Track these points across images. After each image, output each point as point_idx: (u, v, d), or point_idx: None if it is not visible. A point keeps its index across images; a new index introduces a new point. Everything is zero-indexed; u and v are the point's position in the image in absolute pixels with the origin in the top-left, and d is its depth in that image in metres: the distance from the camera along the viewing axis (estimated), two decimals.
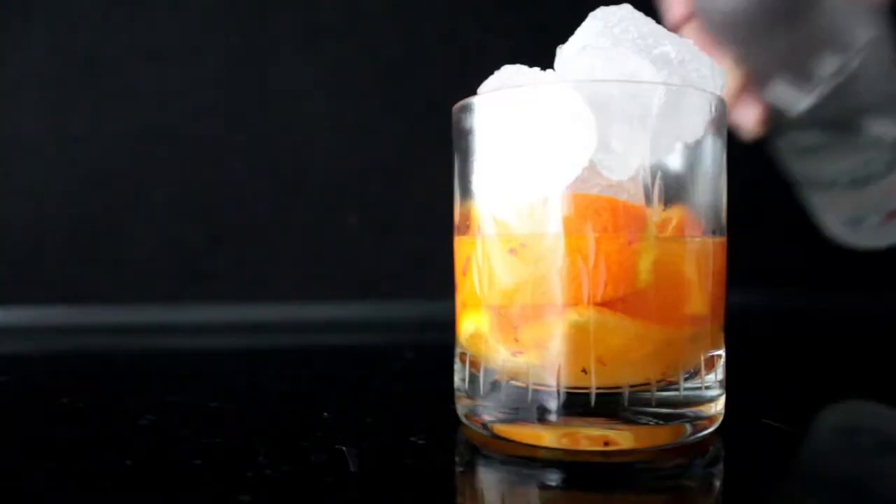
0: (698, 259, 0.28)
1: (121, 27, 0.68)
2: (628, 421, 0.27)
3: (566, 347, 0.27)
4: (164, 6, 0.68)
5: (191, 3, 0.68)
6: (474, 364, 0.30)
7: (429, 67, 0.69)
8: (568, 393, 0.27)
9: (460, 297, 0.31)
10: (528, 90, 0.28)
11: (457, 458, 0.28)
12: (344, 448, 0.28)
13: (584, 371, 0.27)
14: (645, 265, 0.27)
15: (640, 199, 0.27)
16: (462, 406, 0.31)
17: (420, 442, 0.29)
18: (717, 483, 0.26)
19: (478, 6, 0.69)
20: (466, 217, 0.30)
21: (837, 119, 0.36)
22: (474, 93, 0.30)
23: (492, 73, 0.30)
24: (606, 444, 0.27)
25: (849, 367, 0.47)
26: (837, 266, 0.71)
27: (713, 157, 0.29)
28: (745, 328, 0.38)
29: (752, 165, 0.62)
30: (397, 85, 0.69)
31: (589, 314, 0.26)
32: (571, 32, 0.30)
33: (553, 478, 0.26)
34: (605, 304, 0.26)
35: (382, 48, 0.69)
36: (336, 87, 0.69)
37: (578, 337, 0.27)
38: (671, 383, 0.27)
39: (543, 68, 0.30)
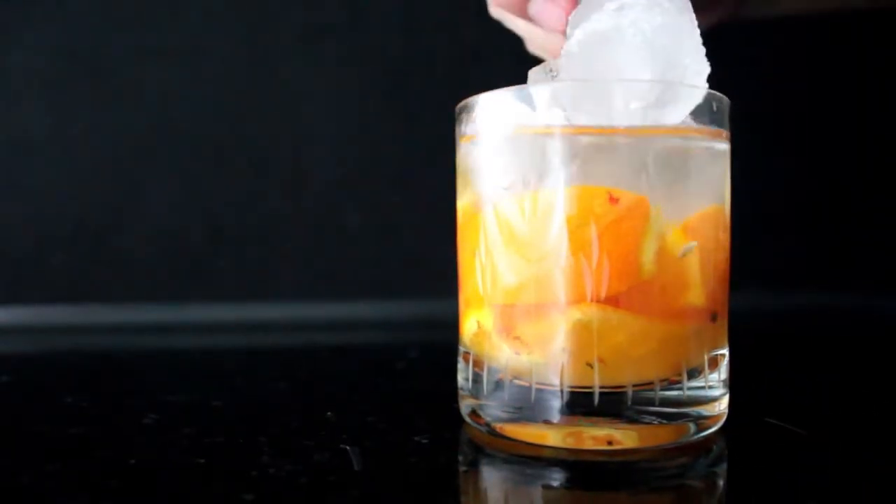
0: (702, 251, 0.28)
1: (122, 26, 0.68)
2: (632, 420, 0.27)
3: (570, 346, 0.27)
4: (165, 5, 0.68)
5: (192, 2, 0.68)
6: (477, 363, 0.30)
7: (431, 67, 0.69)
8: (571, 392, 0.27)
9: (463, 295, 0.31)
10: (528, 89, 0.28)
11: (460, 458, 0.28)
12: (347, 447, 0.28)
13: (589, 365, 0.26)
14: (648, 256, 0.26)
15: (643, 192, 0.27)
16: (465, 405, 0.31)
17: (423, 441, 0.29)
18: (721, 482, 0.26)
19: (480, 5, 0.69)
20: (469, 216, 0.30)
21: None
22: (477, 91, 0.30)
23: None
24: (610, 443, 0.27)
25: (851, 366, 0.47)
26: (838, 266, 0.71)
27: (717, 155, 0.29)
28: (749, 328, 0.38)
29: (754, 165, 0.62)
30: (399, 84, 0.69)
31: (592, 312, 0.26)
32: None
33: (557, 477, 0.26)
34: (608, 300, 0.26)
35: (384, 47, 0.69)
36: (338, 87, 0.69)
37: (582, 335, 0.27)
38: (675, 382, 0.27)
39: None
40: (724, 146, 0.30)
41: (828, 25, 0.69)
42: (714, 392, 0.29)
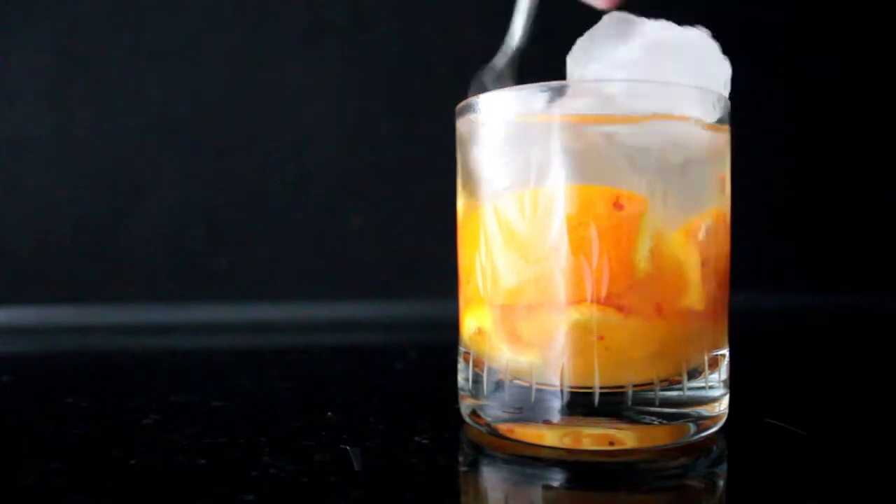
0: (701, 252, 0.28)
1: (123, 27, 0.68)
2: (632, 420, 0.27)
3: (569, 345, 0.27)
4: (165, 5, 0.68)
5: (192, 3, 0.68)
6: (478, 363, 0.30)
7: (431, 66, 0.69)
8: (571, 392, 0.27)
9: (464, 295, 0.31)
10: (530, 90, 0.28)
11: (461, 458, 0.28)
12: (348, 447, 0.28)
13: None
14: (642, 254, 0.26)
15: (643, 191, 0.27)
16: (466, 405, 0.31)
17: (424, 441, 0.29)
18: (721, 483, 0.26)
19: (481, 5, 0.69)
20: (469, 215, 0.30)
21: None
22: (477, 91, 0.30)
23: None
24: (611, 443, 0.27)
25: (851, 366, 0.47)
26: (839, 266, 0.71)
27: (717, 156, 0.29)
28: (749, 328, 0.38)
29: (756, 165, 0.62)
30: (400, 84, 0.69)
31: (592, 312, 0.26)
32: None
33: (557, 477, 0.26)
34: (608, 301, 0.26)
35: (385, 47, 0.69)
36: (338, 86, 0.69)
37: (581, 335, 0.27)
38: (675, 383, 0.27)
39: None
40: (725, 145, 0.30)
41: (827, 27, 0.69)
42: (714, 392, 0.29)
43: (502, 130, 0.29)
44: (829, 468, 0.27)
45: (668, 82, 0.28)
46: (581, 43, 0.30)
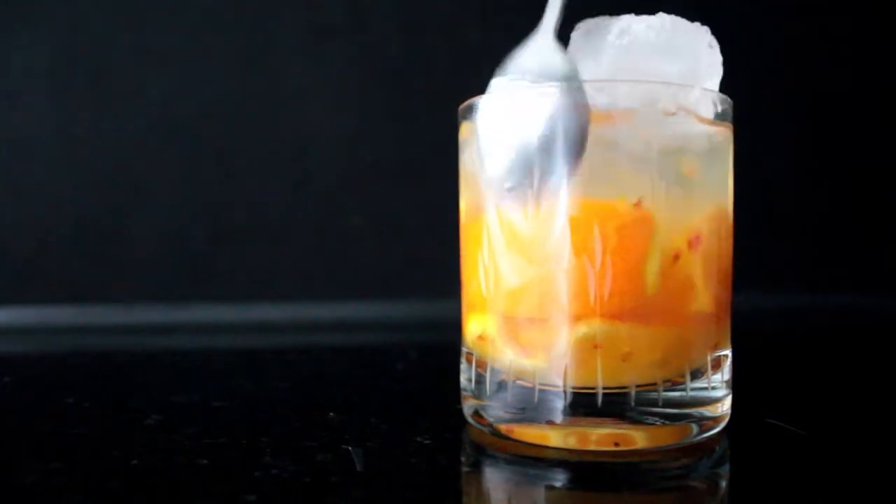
0: (705, 262, 0.28)
1: (123, 27, 0.68)
2: (635, 421, 0.27)
3: (574, 356, 0.27)
4: (165, 5, 0.68)
5: (192, 3, 0.68)
6: (480, 364, 0.30)
7: (432, 67, 0.69)
8: (574, 393, 0.27)
9: (466, 297, 0.31)
10: (534, 91, 0.28)
11: (463, 459, 0.28)
12: (350, 448, 0.28)
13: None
14: (652, 272, 0.26)
15: (645, 196, 0.27)
16: (468, 406, 0.31)
17: (426, 442, 0.29)
18: (723, 483, 0.26)
19: (481, 6, 0.69)
20: (472, 217, 0.30)
21: None
22: (478, 92, 0.30)
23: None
24: (617, 444, 0.26)
25: (851, 366, 0.47)
26: (840, 266, 0.71)
27: (719, 156, 0.29)
28: (749, 328, 0.38)
29: (756, 165, 0.62)
30: (401, 85, 0.69)
31: (597, 325, 0.26)
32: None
33: (559, 478, 0.26)
34: (614, 315, 0.26)
35: (387, 48, 0.69)
36: (339, 87, 0.69)
37: (586, 347, 0.26)
38: (678, 383, 0.27)
39: None
40: (728, 147, 0.30)
41: (828, 27, 0.69)
42: (717, 393, 0.29)
43: (506, 132, 0.29)
44: (830, 468, 0.27)
45: (673, 83, 0.28)
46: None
